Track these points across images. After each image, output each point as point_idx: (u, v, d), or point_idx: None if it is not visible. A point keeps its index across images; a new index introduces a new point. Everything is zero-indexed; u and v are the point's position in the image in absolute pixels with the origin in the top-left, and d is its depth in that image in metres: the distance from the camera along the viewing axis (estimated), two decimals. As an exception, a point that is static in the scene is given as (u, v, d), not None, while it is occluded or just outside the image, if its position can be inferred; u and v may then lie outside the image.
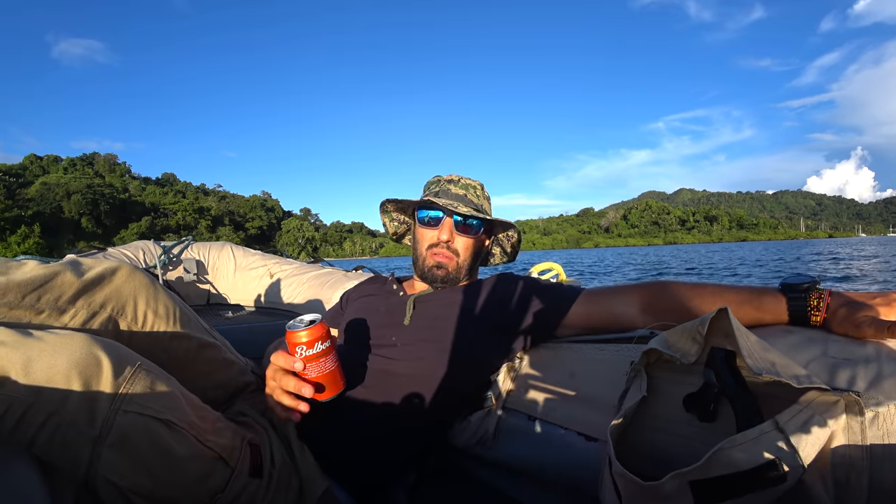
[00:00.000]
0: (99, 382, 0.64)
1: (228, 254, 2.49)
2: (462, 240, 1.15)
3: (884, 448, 0.55)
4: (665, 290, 0.91)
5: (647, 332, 0.89)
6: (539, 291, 1.08)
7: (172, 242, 2.41)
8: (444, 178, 1.20)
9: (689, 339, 0.73)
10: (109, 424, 0.64)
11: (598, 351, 0.96)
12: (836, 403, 0.58)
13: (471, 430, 1.06)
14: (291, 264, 2.45)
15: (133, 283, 0.85)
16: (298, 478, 0.90)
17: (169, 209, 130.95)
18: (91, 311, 0.79)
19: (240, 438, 0.82)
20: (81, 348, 0.64)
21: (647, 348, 0.77)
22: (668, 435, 0.74)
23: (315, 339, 0.82)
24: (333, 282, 2.14)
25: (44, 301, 0.74)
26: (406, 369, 1.01)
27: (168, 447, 0.68)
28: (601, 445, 0.85)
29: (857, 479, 0.55)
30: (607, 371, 0.90)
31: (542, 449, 0.95)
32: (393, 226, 1.32)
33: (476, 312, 1.07)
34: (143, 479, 0.66)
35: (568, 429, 0.92)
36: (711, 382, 0.68)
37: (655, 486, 0.56)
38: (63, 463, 0.64)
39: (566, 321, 1.02)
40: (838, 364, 0.63)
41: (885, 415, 0.56)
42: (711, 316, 0.69)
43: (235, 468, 0.78)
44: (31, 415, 0.60)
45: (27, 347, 0.62)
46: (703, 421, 0.70)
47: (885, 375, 0.59)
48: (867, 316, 0.67)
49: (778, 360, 0.62)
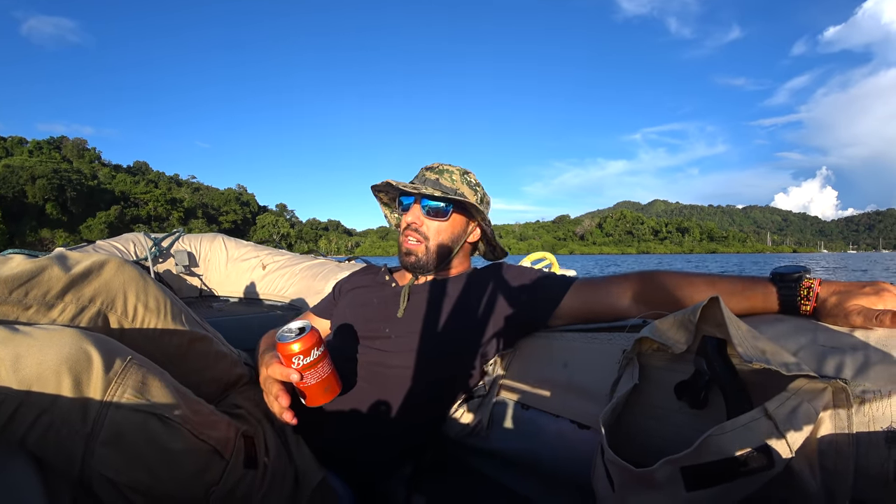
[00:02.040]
0: (90, 378, 0.63)
1: (220, 245, 2.47)
2: (432, 224, 1.12)
3: (869, 435, 0.56)
4: (657, 280, 0.91)
5: (639, 321, 0.89)
6: (533, 281, 1.08)
7: (163, 235, 2.38)
8: (427, 166, 1.20)
9: (680, 327, 0.73)
10: (101, 420, 0.63)
11: (590, 340, 0.96)
12: (824, 391, 0.58)
13: (465, 421, 1.07)
14: (284, 255, 2.43)
15: (122, 276, 0.84)
16: (294, 468, 0.91)
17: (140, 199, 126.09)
18: (80, 305, 0.78)
19: (234, 430, 0.82)
20: (71, 344, 0.63)
21: (639, 337, 0.77)
22: (659, 422, 0.75)
23: (309, 348, 0.81)
24: (326, 272, 2.13)
25: (31, 296, 0.73)
26: (400, 361, 1.01)
27: (162, 442, 0.68)
28: (594, 433, 0.86)
29: (844, 464, 0.56)
30: (600, 360, 0.91)
31: (536, 438, 0.96)
32: (394, 217, 1.31)
33: (470, 303, 1.07)
34: (138, 474, 0.66)
35: (561, 417, 0.93)
36: (702, 370, 0.69)
37: (647, 473, 0.57)
38: (57, 460, 0.64)
39: (559, 311, 1.02)
40: (827, 352, 0.64)
41: (871, 401, 0.57)
42: (703, 305, 0.69)
43: (230, 460, 0.78)
44: (22, 413, 0.60)
45: (15, 344, 0.61)
46: (694, 408, 0.71)
47: (872, 363, 0.60)
48: (856, 305, 0.68)
49: (768, 349, 0.63)
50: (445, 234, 1.13)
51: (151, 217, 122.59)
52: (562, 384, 0.96)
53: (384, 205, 1.29)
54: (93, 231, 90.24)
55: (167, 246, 2.32)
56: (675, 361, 0.76)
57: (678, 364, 0.75)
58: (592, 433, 0.86)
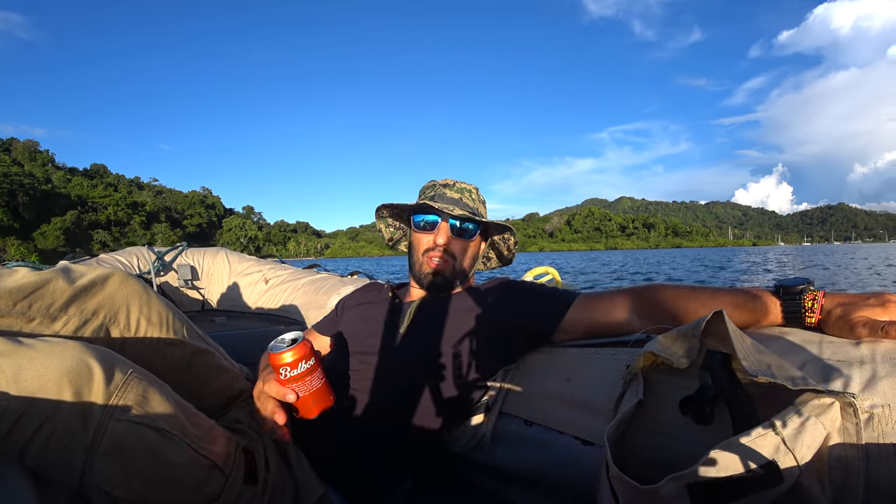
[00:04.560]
0: (90, 391, 0.63)
1: (223, 259, 2.48)
2: (458, 244, 1.14)
3: (879, 449, 0.55)
4: (660, 294, 0.91)
5: (642, 336, 0.89)
6: (536, 296, 1.08)
7: (166, 248, 2.40)
8: (440, 182, 1.20)
9: (684, 342, 0.73)
10: (102, 433, 0.63)
11: (593, 355, 0.95)
12: (832, 405, 0.58)
13: (468, 436, 1.06)
14: (286, 269, 2.43)
15: (126, 289, 0.84)
16: (294, 484, 0.90)
17: (99, 203, 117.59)
18: (83, 318, 0.78)
19: (234, 445, 0.81)
20: (73, 356, 0.64)
21: (642, 352, 0.77)
22: (664, 438, 0.74)
23: (299, 359, 0.81)
24: (328, 287, 2.13)
25: (35, 308, 0.73)
26: (403, 376, 1.01)
27: (162, 455, 0.67)
28: (598, 449, 0.84)
29: (854, 480, 0.55)
30: (603, 375, 0.90)
31: (539, 453, 0.95)
32: (389, 231, 1.31)
33: (474, 318, 1.07)
34: (136, 487, 0.65)
35: (564, 433, 0.92)
36: (707, 385, 0.68)
37: (653, 490, 0.56)
38: (56, 472, 0.63)
39: (563, 326, 1.02)
40: (833, 365, 0.64)
41: (881, 416, 0.56)
42: (707, 319, 0.69)
43: (230, 476, 0.77)
44: (23, 424, 0.60)
45: (18, 356, 0.61)
46: (699, 424, 0.70)
47: (880, 377, 0.59)
48: (861, 317, 0.67)
49: (773, 362, 0.63)
50: (470, 253, 1.17)
51: (112, 222, 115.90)
52: (565, 399, 0.95)
53: (380, 218, 1.29)
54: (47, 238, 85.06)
55: (170, 260, 2.34)
56: (680, 376, 0.75)
57: (683, 379, 0.75)
58: (597, 449, 0.85)
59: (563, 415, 0.94)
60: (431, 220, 1.13)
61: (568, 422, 0.92)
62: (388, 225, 1.31)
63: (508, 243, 1.27)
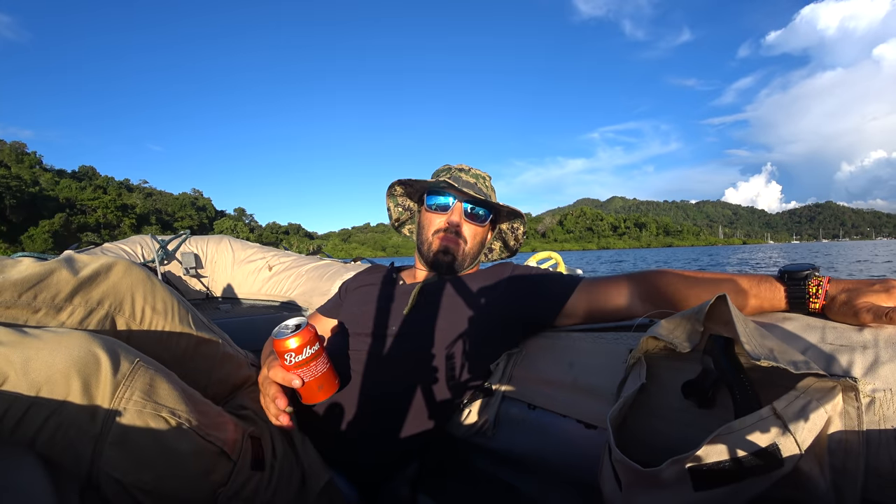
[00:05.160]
0: (98, 380, 0.64)
1: (226, 247, 2.49)
2: (470, 227, 1.15)
3: (880, 433, 0.55)
4: (663, 279, 0.91)
5: (645, 321, 0.89)
6: (539, 280, 1.08)
7: (170, 237, 2.40)
8: (455, 166, 1.20)
9: (687, 326, 0.73)
10: (110, 422, 0.64)
11: (596, 339, 0.96)
12: (833, 389, 0.58)
13: (471, 420, 1.07)
14: (290, 256, 2.44)
15: (130, 278, 0.84)
16: (301, 470, 0.91)
17: (87, 205, 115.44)
18: (88, 308, 0.78)
19: (241, 432, 0.82)
20: (80, 346, 0.64)
21: (645, 336, 0.77)
22: (666, 422, 0.75)
23: (303, 345, 0.81)
24: (332, 273, 2.14)
25: (40, 299, 0.74)
26: (406, 359, 1.01)
27: (169, 443, 0.68)
28: (601, 433, 0.85)
29: (854, 464, 0.56)
30: (606, 359, 0.90)
31: (542, 437, 0.96)
32: (397, 211, 1.31)
33: (478, 302, 1.07)
34: (145, 475, 0.67)
35: (567, 417, 0.92)
36: (710, 369, 0.68)
37: (654, 473, 0.57)
38: (66, 461, 0.64)
39: (565, 310, 1.02)
40: (836, 350, 0.64)
41: (882, 400, 0.57)
42: (710, 303, 0.69)
43: (237, 462, 0.78)
44: (32, 415, 0.60)
45: (25, 347, 0.61)
46: (701, 407, 0.70)
47: (882, 361, 0.59)
48: (866, 302, 0.67)
49: (776, 347, 0.63)
50: (479, 238, 1.18)
51: (101, 224, 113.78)
52: (568, 384, 0.95)
53: (390, 196, 1.28)
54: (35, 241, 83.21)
55: (174, 248, 2.34)
56: (682, 360, 0.75)
57: (685, 363, 0.75)
58: (599, 433, 0.86)
59: (565, 399, 0.95)
60: (444, 202, 1.14)
61: (571, 406, 0.93)
62: (398, 204, 1.30)
63: (517, 233, 1.26)
